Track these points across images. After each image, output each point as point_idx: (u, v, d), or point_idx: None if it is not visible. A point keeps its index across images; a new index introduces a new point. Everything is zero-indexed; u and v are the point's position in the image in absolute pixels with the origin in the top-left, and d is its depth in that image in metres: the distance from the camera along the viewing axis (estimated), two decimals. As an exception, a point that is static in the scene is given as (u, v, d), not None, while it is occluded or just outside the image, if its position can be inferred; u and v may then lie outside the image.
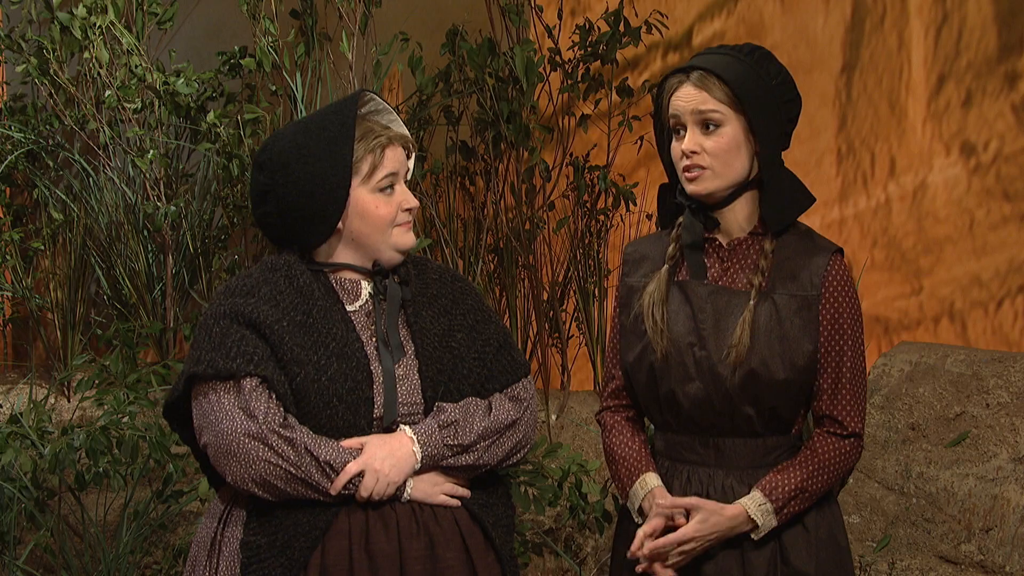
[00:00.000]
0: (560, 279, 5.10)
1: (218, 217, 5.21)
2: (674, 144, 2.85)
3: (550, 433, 4.81)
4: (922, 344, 4.79)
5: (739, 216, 2.86)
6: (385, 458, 2.72)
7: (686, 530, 2.80)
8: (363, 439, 2.74)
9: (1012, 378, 4.53)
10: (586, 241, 5.06)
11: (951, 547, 4.34)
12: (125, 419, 4.19)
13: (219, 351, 2.71)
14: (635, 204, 4.98)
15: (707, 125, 2.80)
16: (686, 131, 2.82)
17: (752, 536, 2.82)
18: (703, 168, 2.80)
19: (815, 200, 2.88)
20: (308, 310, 2.77)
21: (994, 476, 4.37)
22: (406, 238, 2.82)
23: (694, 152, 2.80)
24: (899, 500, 4.47)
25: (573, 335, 5.12)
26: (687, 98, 2.81)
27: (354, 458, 2.71)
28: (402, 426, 2.77)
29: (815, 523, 2.86)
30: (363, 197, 2.78)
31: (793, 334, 2.80)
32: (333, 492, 2.70)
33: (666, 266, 2.88)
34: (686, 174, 2.83)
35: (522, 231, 4.98)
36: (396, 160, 2.80)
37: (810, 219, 4.99)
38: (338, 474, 2.69)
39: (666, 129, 2.88)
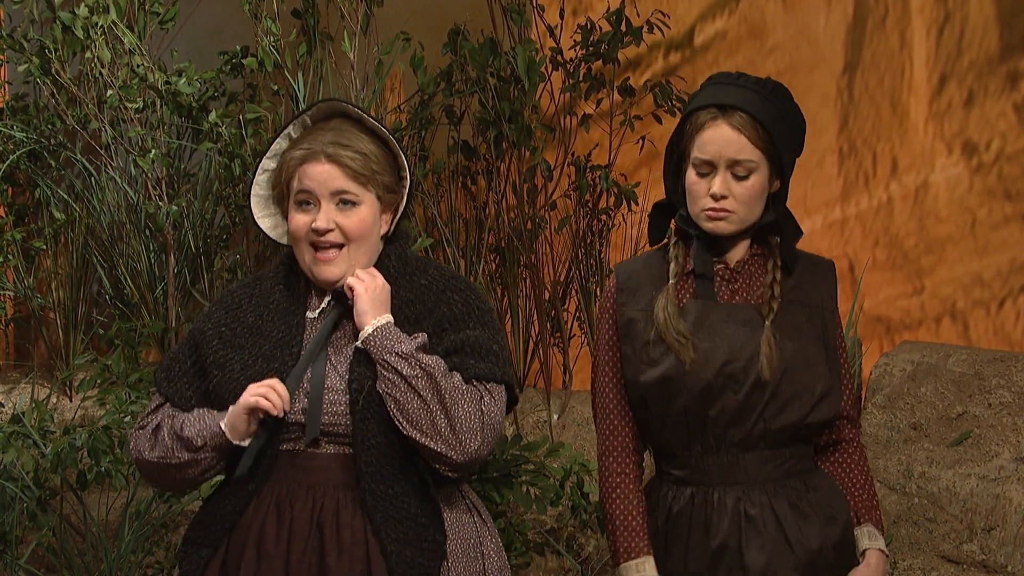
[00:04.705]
0: (562, 279, 5.10)
1: (220, 217, 5.21)
2: (694, 178, 2.79)
3: (552, 433, 4.80)
4: (924, 344, 4.79)
5: (743, 244, 2.87)
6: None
7: None
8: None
9: (1014, 378, 4.53)
10: (588, 241, 5.06)
11: (953, 547, 4.33)
12: (127, 418, 4.18)
13: (162, 365, 2.86)
14: (637, 204, 4.98)
15: (738, 171, 2.76)
16: (713, 170, 2.77)
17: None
18: (729, 212, 2.77)
19: (803, 234, 2.91)
20: (262, 312, 2.78)
21: (996, 476, 4.37)
22: (319, 269, 2.72)
23: (723, 197, 2.76)
24: (901, 500, 4.46)
25: (575, 335, 5.12)
26: (724, 142, 2.75)
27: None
28: None
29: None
30: (290, 210, 2.76)
31: (812, 343, 2.83)
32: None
33: (672, 281, 2.84)
34: (709, 213, 2.78)
35: (524, 231, 4.98)
36: (315, 178, 2.70)
37: (812, 219, 5.00)
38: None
39: (685, 156, 2.81)
